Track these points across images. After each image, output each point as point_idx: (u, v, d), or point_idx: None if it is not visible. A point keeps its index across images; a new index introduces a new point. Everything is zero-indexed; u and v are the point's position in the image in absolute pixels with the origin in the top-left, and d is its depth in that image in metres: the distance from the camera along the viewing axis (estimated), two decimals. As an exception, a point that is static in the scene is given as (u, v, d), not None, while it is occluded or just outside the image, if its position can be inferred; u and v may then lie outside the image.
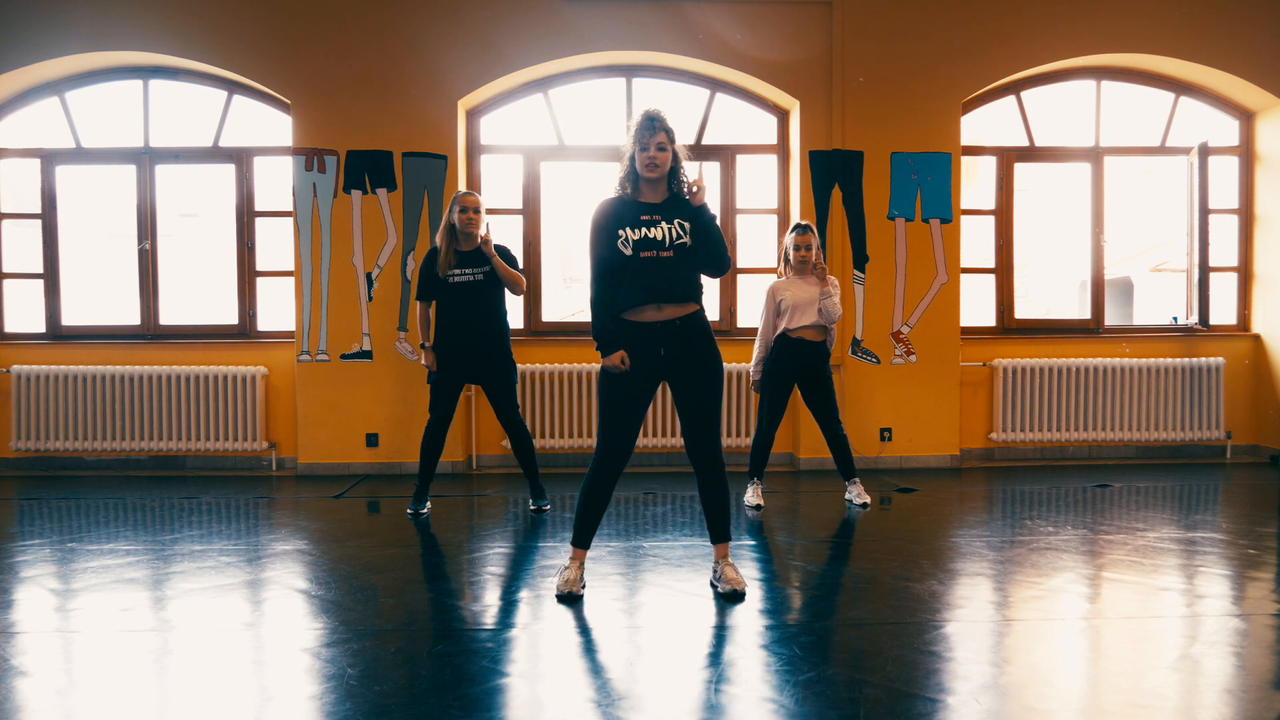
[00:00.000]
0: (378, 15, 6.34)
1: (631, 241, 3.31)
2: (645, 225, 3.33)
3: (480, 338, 4.88)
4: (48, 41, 6.28)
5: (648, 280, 3.32)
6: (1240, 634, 2.99)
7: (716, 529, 3.53)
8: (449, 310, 4.89)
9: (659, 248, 3.32)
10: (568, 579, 3.46)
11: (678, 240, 3.34)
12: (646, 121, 3.33)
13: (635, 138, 3.34)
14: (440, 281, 4.88)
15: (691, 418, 3.43)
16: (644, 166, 3.33)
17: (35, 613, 3.33)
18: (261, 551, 4.23)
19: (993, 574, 3.82)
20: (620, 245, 3.32)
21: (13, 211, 6.88)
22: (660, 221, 3.34)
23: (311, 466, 6.43)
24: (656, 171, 3.33)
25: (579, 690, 2.60)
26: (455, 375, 4.94)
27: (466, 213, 4.84)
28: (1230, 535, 4.40)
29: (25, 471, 6.58)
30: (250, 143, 6.69)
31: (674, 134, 3.36)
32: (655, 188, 3.40)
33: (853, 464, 5.23)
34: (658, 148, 3.31)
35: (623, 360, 3.35)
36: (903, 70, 6.47)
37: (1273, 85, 6.63)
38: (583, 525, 3.50)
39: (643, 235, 3.31)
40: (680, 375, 3.42)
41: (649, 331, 3.37)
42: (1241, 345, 6.96)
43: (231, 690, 2.61)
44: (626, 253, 3.31)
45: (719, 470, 3.47)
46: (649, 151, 3.31)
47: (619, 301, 3.37)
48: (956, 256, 6.56)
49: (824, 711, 2.39)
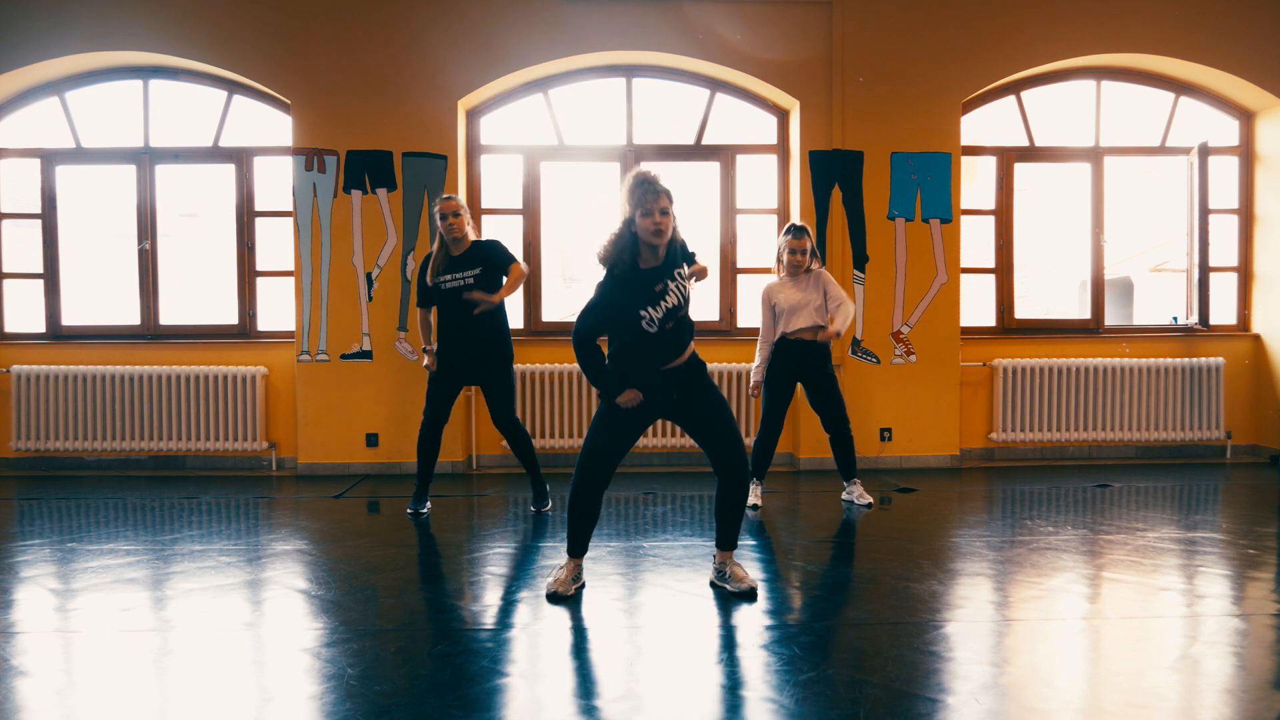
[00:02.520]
0: (378, 15, 6.34)
1: (657, 321, 3.29)
2: (660, 296, 3.29)
3: (479, 341, 4.87)
4: (48, 41, 6.27)
5: (669, 345, 3.34)
6: (1240, 634, 2.99)
7: (727, 536, 3.54)
8: (447, 316, 4.89)
9: (677, 311, 3.33)
10: (556, 579, 3.49)
11: (685, 292, 3.37)
12: (647, 186, 3.22)
13: (636, 202, 3.23)
14: (433, 288, 4.89)
15: (715, 435, 3.44)
16: (649, 233, 3.24)
17: (35, 613, 3.33)
18: (261, 551, 4.23)
19: (993, 574, 3.82)
20: (645, 326, 3.29)
21: (13, 211, 6.88)
22: (669, 283, 3.32)
23: (311, 466, 6.43)
24: (661, 239, 3.26)
25: (579, 690, 2.60)
26: (454, 377, 4.94)
27: (445, 219, 4.85)
28: (1230, 535, 4.40)
29: (25, 471, 6.58)
30: (250, 143, 6.69)
31: (673, 196, 3.28)
32: (655, 251, 3.33)
33: (855, 465, 5.23)
34: (661, 212, 3.22)
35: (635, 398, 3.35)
36: (903, 70, 6.47)
37: (1273, 85, 6.63)
38: (575, 535, 3.51)
39: (664, 309, 3.29)
40: (691, 406, 3.45)
41: (666, 378, 3.38)
42: (1241, 345, 6.96)
43: (231, 690, 2.61)
44: (652, 331, 3.29)
45: (745, 479, 3.48)
46: (653, 217, 3.22)
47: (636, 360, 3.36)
48: (956, 256, 6.56)
49: (824, 711, 2.39)
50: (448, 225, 4.84)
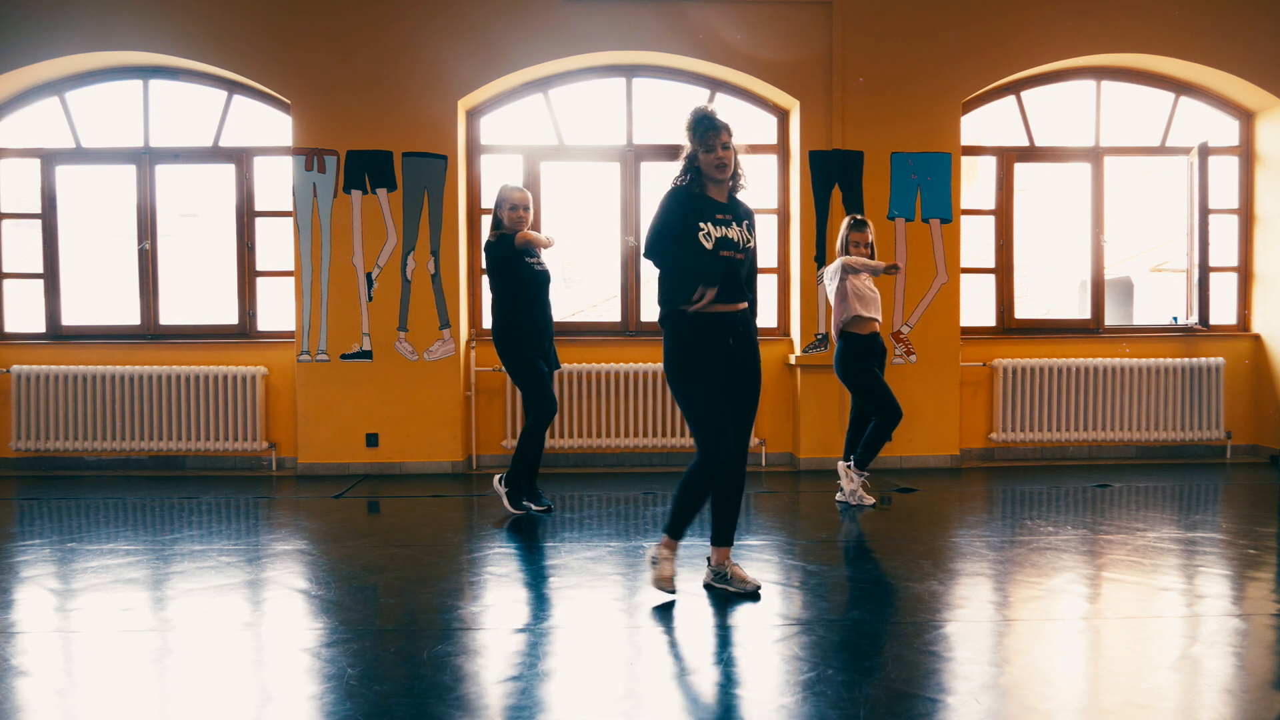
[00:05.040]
0: (378, 15, 6.33)
1: (714, 238, 3.31)
2: (722, 225, 3.34)
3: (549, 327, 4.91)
4: (48, 41, 6.27)
5: (725, 277, 3.33)
6: (1240, 634, 2.99)
7: (723, 532, 3.50)
8: (536, 300, 4.82)
9: (735, 249, 3.35)
10: (660, 574, 3.38)
11: (746, 244, 3.40)
12: (707, 121, 3.30)
13: (697, 138, 3.31)
14: (524, 267, 4.75)
15: (737, 408, 3.43)
16: (713, 167, 3.32)
17: (35, 613, 3.33)
18: (261, 551, 4.23)
19: (993, 574, 3.82)
20: (702, 239, 3.30)
21: (13, 211, 6.88)
22: (732, 222, 3.37)
23: (311, 466, 6.43)
24: (726, 172, 3.33)
25: (579, 690, 2.59)
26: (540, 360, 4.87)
27: (517, 210, 4.76)
28: (1230, 535, 4.40)
29: (25, 471, 6.57)
30: (250, 143, 6.69)
31: (733, 130, 3.34)
32: (720, 187, 3.40)
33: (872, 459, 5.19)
34: (723, 147, 3.30)
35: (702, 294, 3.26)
36: (903, 70, 6.47)
37: (1273, 85, 6.63)
38: (690, 520, 3.43)
39: (723, 234, 3.33)
40: (737, 371, 3.43)
41: (720, 321, 3.36)
42: (1241, 345, 6.96)
43: (231, 690, 2.61)
44: (708, 246, 3.30)
45: (742, 472, 3.47)
46: (715, 152, 3.30)
47: (692, 293, 3.30)
48: (956, 256, 6.56)
49: (824, 711, 2.39)
50: (517, 217, 4.76)
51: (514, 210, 4.77)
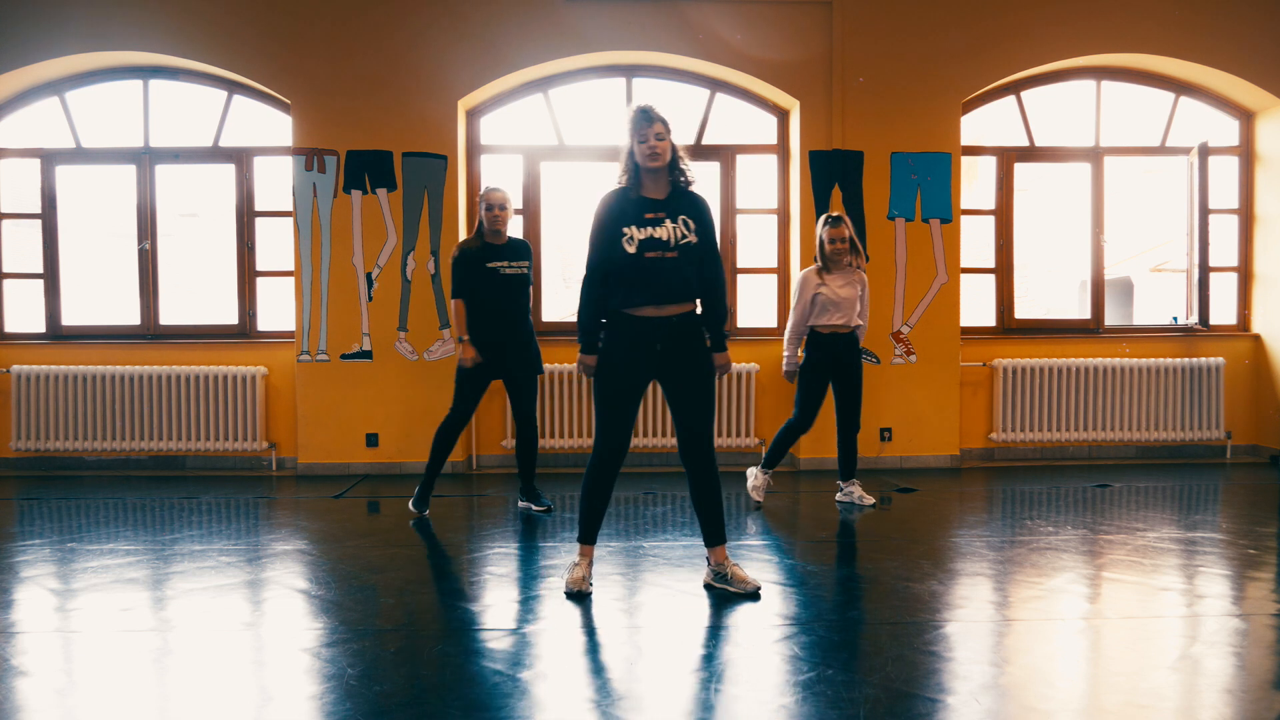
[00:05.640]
0: (378, 15, 6.33)
1: (637, 240, 3.31)
2: (650, 224, 3.33)
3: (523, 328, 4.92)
4: (48, 41, 6.27)
5: (651, 280, 3.32)
6: (1240, 634, 2.99)
7: (712, 532, 3.51)
8: (497, 303, 4.86)
9: (664, 248, 3.32)
10: (576, 577, 3.47)
11: (682, 240, 3.35)
12: (642, 114, 3.34)
13: (633, 130, 3.35)
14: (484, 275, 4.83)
15: (684, 416, 3.44)
16: (645, 157, 3.32)
17: (35, 613, 3.33)
18: (261, 551, 4.23)
19: (993, 574, 3.82)
20: (624, 244, 3.32)
21: (13, 211, 6.88)
22: (665, 219, 3.35)
23: (311, 466, 6.43)
24: (658, 161, 3.33)
25: (579, 690, 2.60)
26: (488, 369, 4.90)
27: (492, 210, 4.85)
28: (1230, 535, 4.40)
29: (25, 471, 6.57)
30: (250, 143, 6.69)
31: (670, 124, 3.37)
32: (657, 180, 3.40)
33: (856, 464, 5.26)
34: (656, 137, 3.32)
35: (591, 366, 3.42)
36: (903, 70, 6.47)
37: (1273, 85, 6.63)
38: (588, 521, 3.52)
39: (648, 235, 3.32)
40: (674, 373, 3.43)
41: (647, 326, 3.37)
42: (1241, 345, 6.96)
43: (231, 690, 2.61)
44: (630, 251, 3.31)
45: (711, 470, 3.47)
46: (649, 142, 3.31)
47: (619, 298, 3.37)
48: (956, 256, 6.56)
49: (824, 711, 2.39)
50: (494, 216, 4.84)
51: (489, 210, 4.85)
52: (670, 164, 3.39)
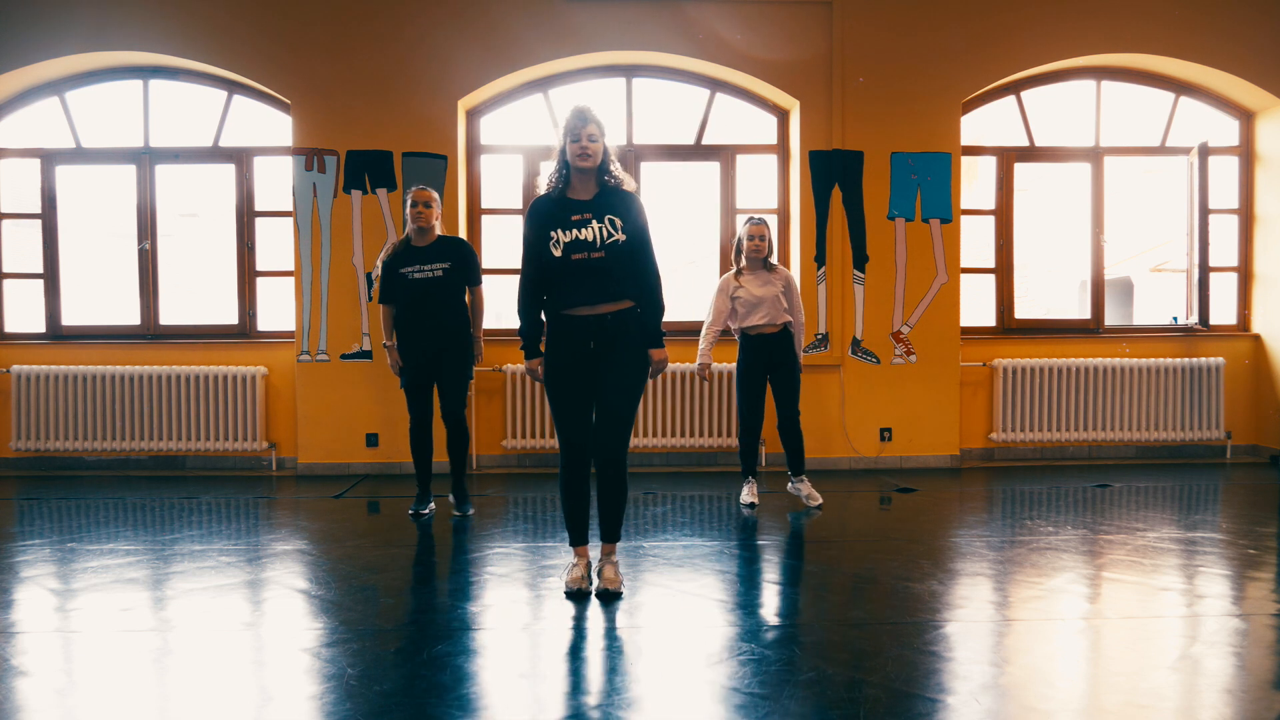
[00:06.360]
0: (378, 15, 6.33)
1: (563, 244, 3.36)
2: (576, 226, 3.37)
3: (442, 334, 4.85)
4: (48, 41, 6.27)
5: (581, 281, 3.37)
6: (1240, 634, 2.99)
7: (607, 528, 3.55)
8: (411, 309, 4.84)
9: (590, 249, 3.36)
10: (575, 576, 3.49)
11: (609, 240, 3.37)
12: (577, 114, 3.38)
13: (567, 130, 3.39)
14: (398, 280, 4.83)
15: (602, 412, 3.45)
16: (576, 156, 3.37)
17: (35, 613, 3.33)
18: (261, 551, 4.23)
19: (993, 574, 3.82)
20: (551, 247, 3.36)
21: (13, 211, 6.88)
22: (591, 220, 3.38)
23: (311, 466, 6.43)
24: (589, 161, 3.37)
25: (579, 690, 2.60)
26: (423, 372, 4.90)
27: (416, 207, 4.83)
28: (1230, 535, 4.40)
29: (25, 471, 6.57)
30: (250, 143, 6.69)
31: (604, 128, 3.41)
32: (586, 182, 3.44)
33: (804, 459, 5.24)
34: (589, 138, 3.36)
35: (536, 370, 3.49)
36: (903, 70, 6.47)
37: (1273, 85, 6.63)
38: (573, 523, 3.55)
39: (574, 237, 3.36)
40: (604, 369, 3.44)
41: (580, 324, 3.41)
42: (1241, 345, 6.96)
43: (231, 690, 2.61)
44: (557, 254, 3.36)
45: (619, 470, 3.47)
46: (580, 142, 3.36)
47: (554, 300, 3.44)
48: (956, 256, 6.56)
49: (824, 711, 2.39)
50: (417, 213, 4.82)
51: (413, 207, 4.84)
52: (601, 166, 3.43)
